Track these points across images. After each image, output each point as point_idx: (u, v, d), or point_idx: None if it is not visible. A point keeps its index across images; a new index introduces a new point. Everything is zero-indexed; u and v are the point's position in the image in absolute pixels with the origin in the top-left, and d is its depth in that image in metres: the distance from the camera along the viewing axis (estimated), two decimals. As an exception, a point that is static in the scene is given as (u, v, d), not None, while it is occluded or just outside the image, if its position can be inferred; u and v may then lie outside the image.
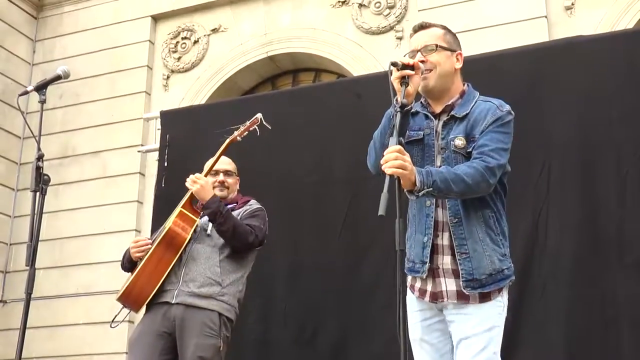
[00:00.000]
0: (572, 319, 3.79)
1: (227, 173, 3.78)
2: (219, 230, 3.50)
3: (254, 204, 3.78)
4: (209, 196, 3.51)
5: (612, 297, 3.74)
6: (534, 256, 3.93)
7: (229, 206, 3.67)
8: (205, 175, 3.58)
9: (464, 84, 2.73)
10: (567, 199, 3.97)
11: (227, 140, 3.64)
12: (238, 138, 3.66)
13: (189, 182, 3.55)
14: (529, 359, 3.83)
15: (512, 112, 2.64)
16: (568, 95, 4.12)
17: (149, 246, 3.56)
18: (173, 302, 3.44)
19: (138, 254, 3.57)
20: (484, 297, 2.54)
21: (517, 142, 2.75)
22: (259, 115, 3.67)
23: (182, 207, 3.57)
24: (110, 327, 3.69)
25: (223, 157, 3.80)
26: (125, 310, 3.66)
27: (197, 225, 3.56)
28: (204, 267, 3.49)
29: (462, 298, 2.54)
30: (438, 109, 2.68)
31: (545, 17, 7.17)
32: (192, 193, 3.62)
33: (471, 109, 2.63)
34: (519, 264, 3.80)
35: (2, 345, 8.28)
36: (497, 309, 2.55)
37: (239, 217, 3.64)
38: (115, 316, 3.67)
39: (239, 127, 3.67)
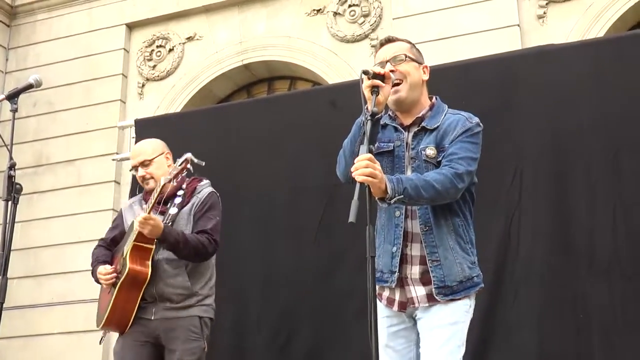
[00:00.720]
0: (544, 324, 3.82)
1: (143, 164, 3.64)
2: (182, 256, 3.47)
3: (203, 190, 3.64)
4: (160, 231, 3.38)
5: (582, 303, 3.79)
6: (507, 262, 3.97)
7: (178, 198, 3.54)
8: (149, 212, 3.42)
9: (431, 97, 2.79)
10: (538, 206, 4.01)
11: (162, 183, 3.43)
12: (173, 182, 3.48)
13: (139, 227, 3.39)
14: (501, 364, 3.87)
15: (481, 124, 2.70)
16: (539, 102, 4.17)
17: (115, 274, 3.52)
18: (153, 318, 3.47)
19: (106, 285, 3.56)
20: (453, 299, 2.60)
21: (489, 149, 2.79)
22: (188, 156, 3.43)
23: (135, 240, 3.43)
24: (99, 344, 3.90)
25: (135, 148, 3.77)
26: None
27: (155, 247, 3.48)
28: (175, 287, 3.47)
29: (432, 300, 2.61)
30: (407, 121, 2.73)
31: (518, 25, 7.25)
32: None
33: (441, 120, 2.69)
34: (492, 269, 3.86)
35: (-25, 356, 8.19)
36: (463, 307, 2.62)
37: (191, 213, 3.55)
38: (104, 335, 3.79)
39: (171, 168, 3.48)
